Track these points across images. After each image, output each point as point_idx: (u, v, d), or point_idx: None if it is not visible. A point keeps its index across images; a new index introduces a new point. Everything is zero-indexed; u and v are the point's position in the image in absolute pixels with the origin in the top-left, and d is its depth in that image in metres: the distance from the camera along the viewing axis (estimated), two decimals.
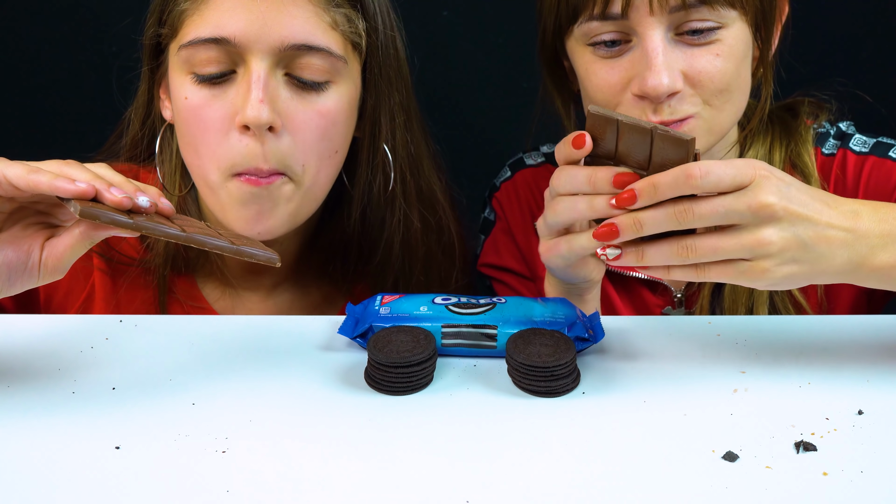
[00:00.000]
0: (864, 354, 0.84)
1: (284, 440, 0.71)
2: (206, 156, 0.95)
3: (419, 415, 0.75)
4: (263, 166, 0.94)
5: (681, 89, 0.95)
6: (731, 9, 0.95)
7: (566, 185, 0.81)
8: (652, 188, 0.75)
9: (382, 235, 1.08)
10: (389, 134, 1.04)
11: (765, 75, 1.05)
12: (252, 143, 0.93)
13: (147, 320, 0.94)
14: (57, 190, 0.72)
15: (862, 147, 1.10)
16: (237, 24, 0.92)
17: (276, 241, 1.08)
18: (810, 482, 0.65)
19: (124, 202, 0.74)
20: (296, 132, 0.95)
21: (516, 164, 1.22)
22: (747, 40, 0.99)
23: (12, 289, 0.77)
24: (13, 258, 0.77)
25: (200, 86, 0.95)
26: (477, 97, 1.63)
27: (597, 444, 0.71)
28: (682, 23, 0.95)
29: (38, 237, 0.78)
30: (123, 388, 0.79)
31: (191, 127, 0.96)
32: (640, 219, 0.76)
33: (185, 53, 0.94)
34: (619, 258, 0.78)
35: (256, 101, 0.91)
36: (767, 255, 0.74)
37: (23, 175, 0.73)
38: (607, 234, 0.77)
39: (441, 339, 0.84)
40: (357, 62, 1.00)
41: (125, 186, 0.76)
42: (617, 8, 0.94)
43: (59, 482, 0.66)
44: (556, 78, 1.10)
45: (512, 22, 1.55)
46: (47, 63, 1.62)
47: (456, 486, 0.65)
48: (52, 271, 0.78)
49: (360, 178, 1.04)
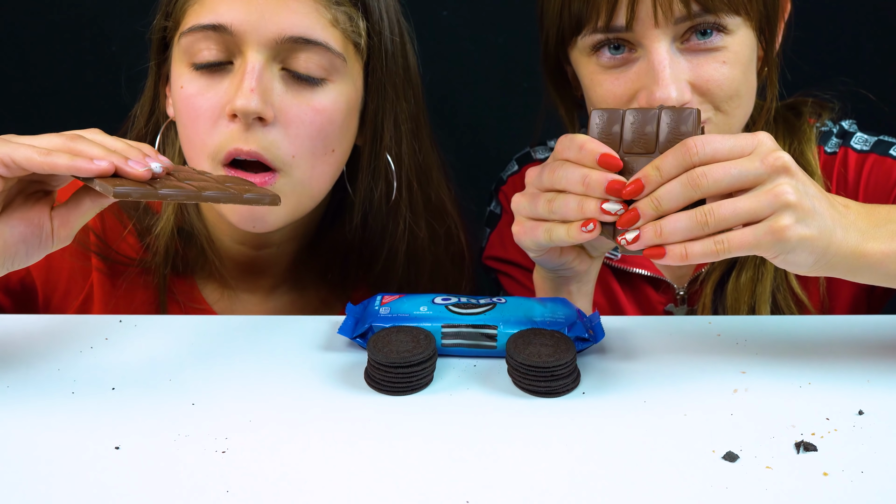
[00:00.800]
0: (864, 354, 0.84)
1: (284, 440, 0.71)
2: (197, 145, 0.95)
3: (419, 415, 0.75)
4: (243, 147, 0.93)
5: (689, 100, 0.95)
6: (735, 15, 0.95)
7: (559, 181, 0.80)
8: (655, 171, 0.76)
9: (384, 244, 1.07)
10: (393, 142, 1.03)
11: (770, 74, 1.05)
12: (238, 129, 0.93)
13: (147, 320, 0.94)
14: (78, 171, 0.74)
15: (863, 145, 1.10)
16: (236, 13, 0.92)
17: (275, 243, 1.08)
18: (810, 482, 0.65)
19: (145, 175, 0.76)
20: (288, 125, 0.94)
21: (523, 158, 1.22)
22: (752, 44, 0.98)
23: (29, 260, 0.80)
24: (27, 233, 0.79)
25: (196, 75, 0.95)
26: (477, 97, 1.63)
27: (597, 444, 0.70)
28: (687, 34, 0.94)
29: (43, 208, 0.80)
30: (123, 388, 0.79)
31: (183, 116, 0.96)
32: (656, 195, 0.76)
33: (185, 42, 0.95)
34: (638, 239, 0.76)
35: (247, 91, 0.91)
36: (786, 206, 0.73)
37: (35, 158, 0.74)
38: (629, 219, 0.77)
39: (441, 339, 0.84)
40: (358, 63, 1.00)
41: (133, 153, 0.77)
42: (621, 20, 0.93)
43: (59, 482, 0.66)
44: (560, 86, 1.10)
45: (512, 22, 1.56)
46: (47, 63, 1.62)
47: (456, 486, 0.65)
48: (64, 239, 0.81)
49: (361, 186, 1.04)
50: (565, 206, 0.80)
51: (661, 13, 0.92)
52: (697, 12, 0.92)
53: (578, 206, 0.79)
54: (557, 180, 0.80)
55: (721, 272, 1.08)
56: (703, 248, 0.75)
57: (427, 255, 1.10)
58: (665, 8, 0.92)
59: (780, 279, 1.07)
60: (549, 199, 0.81)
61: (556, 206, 0.80)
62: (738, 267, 1.07)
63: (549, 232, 0.82)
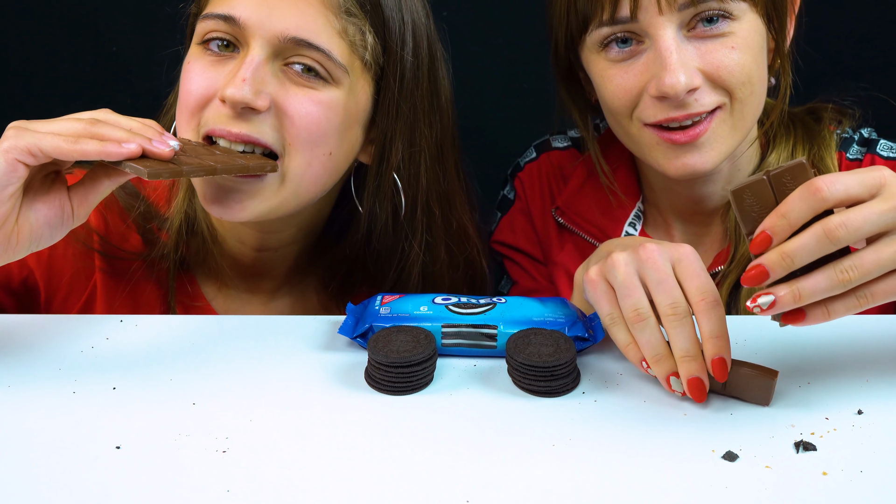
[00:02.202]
0: (864, 354, 0.84)
1: (284, 440, 0.71)
2: (185, 115, 0.96)
3: (419, 415, 0.75)
4: (232, 129, 0.93)
5: (699, 85, 0.95)
6: (740, 1, 0.95)
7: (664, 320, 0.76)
8: (783, 219, 0.69)
9: (393, 263, 1.07)
10: (404, 164, 1.02)
11: (782, 66, 1.04)
12: (227, 113, 0.93)
13: (147, 320, 0.94)
14: (109, 155, 0.78)
15: (889, 152, 1.09)
16: (246, 6, 0.94)
17: (277, 246, 1.08)
18: (810, 482, 0.65)
19: (170, 154, 0.81)
20: (284, 113, 0.94)
21: (542, 145, 1.22)
22: (761, 31, 0.98)
23: (53, 240, 0.84)
24: (51, 215, 0.82)
25: (203, 54, 0.96)
26: (477, 97, 1.63)
27: (597, 444, 0.71)
28: (693, 20, 0.94)
29: (61, 189, 0.83)
30: (124, 388, 0.79)
31: (181, 86, 0.97)
32: (786, 250, 0.68)
33: (200, 27, 0.97)
34: (774, 305, 0.69)
35: (239, 80, 0.92)
36: None
37: (62, 146, 0.77)
38: (757, 276, 0.69)
39: (441, 339, 0.84)
40: (364, 79, 0.98)
41: (150, 132, 0.82)
42: (625, 11, 0.94)
43: (60, 481, 0.66)
44: (572, 91, 1.10)
45: (512, 22, 1.56)
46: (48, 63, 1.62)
47: (456, 485, 0.65)
48: (83, 216, 0.85)
49: (366, 203, 1.03)
50: (647, 343, 0.77)
51: (665, 0, 0.92)
52: None
53: (657, 357, 0.76)
54: (664, 315, 0.77)
55: (736, 276, 1.07)
56: (845, 306, 0.70)
57: (445, 278, 1.10)
58: None
59: None
60: (640, 315, 0.77)
61: (641, 334, 0.77)
62: None
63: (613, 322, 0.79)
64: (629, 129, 1.02)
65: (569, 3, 0.98)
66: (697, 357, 0.75)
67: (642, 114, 0.99)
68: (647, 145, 1.01)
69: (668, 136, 0.98)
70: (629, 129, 1.02)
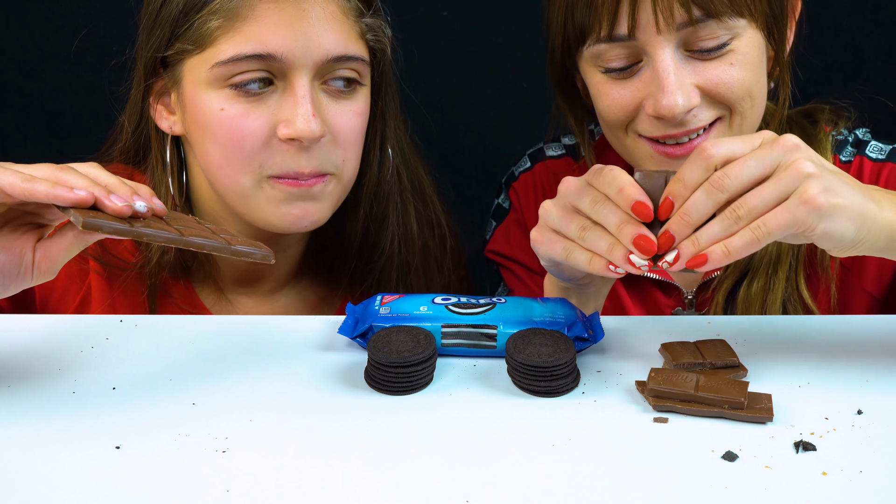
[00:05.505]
0: (864, 354, 0.84)
1: (284, 440, 0.71)
2: (239, 163, 0.97)
3: (419, 415, 0.75)
4: (305, 170, 0.97)
5: (697, 103, 0.94)
6: (739, 18, 0.93)
7: (596, 214, 0.79)
8: (679, 183, 0.76)
9: (385, 233, 1.10)
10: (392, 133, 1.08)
11: (781, 75, 1.03)
12: (294, 151, 0.97)
13: (147, 320, 0.94)
14: (56, 199, 0.72)
15: (878, 154, 1.08)
16: (282, 40, 0.94)
17: (282, 245, 1.08)
18: (810, 482, 0.65)
19: (125, 210, 0.73)
20: (337, 134, 0.99)
21: (536, 154, 1.21)
22: (760, 45, 0.97)
23: (6, 291, 0.78)
24: (6, 262, 0.76)
25: (237, 96, 0.96)
26: (477, 97, 1.63)
27: (597, 444, 0.71)
28: (692, 40, 0.93)
29: (29, 239, 0.78)
30: (123, 388, 0.79)
31: (223, 136, 0.97)
32: (684, 210, 0.76)
33: (223, 70, 0.96)
34: (678, 259, 0.76)
35: (309, 116, 0.95)
36: (808, 177, 0.73)
37: (17, 183, 0.72)
38: (664, 243, 0.76)
39: (441, 339, 0.84)
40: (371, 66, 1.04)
41: (121, 190, 0.75)
42: (623, 29, 0.93)
43: (59, 482, 0.66)
44: (569, 96, 1.09)
45: (511, 22, 1.56)
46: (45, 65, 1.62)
47: (456, 486, 0.65)
48: (46, 273, 0.78)
49: (370, 179, 1.08)
50: (596, 241, 0.79)
51: (663, 20, 0.91)
52: (699, 17, 0.91)
53: (609, 247, 0.78)
54: (594, 213, 0.79)
55: (733, 281, 1.07)
56: (742, 239, 0.74)
57: (417, 239, 1.13)
58: (666, 14, 0.91)
59: (792, 289, 1.05)
60: (583, 227, 0.80)
61: (588, 236, 0.79)
62: (749, 276, 1.06)
63: (569, 252, 0.81)
64: (624, 141, 1.01)
65: (566, 12, 0.97)
66: (629, 221, 0.78)
67: (638, 127, 0.98)
68: (642, 157, 1.00)
69: (663, 149, 0.98)
70: (624, 140, 1.01)
